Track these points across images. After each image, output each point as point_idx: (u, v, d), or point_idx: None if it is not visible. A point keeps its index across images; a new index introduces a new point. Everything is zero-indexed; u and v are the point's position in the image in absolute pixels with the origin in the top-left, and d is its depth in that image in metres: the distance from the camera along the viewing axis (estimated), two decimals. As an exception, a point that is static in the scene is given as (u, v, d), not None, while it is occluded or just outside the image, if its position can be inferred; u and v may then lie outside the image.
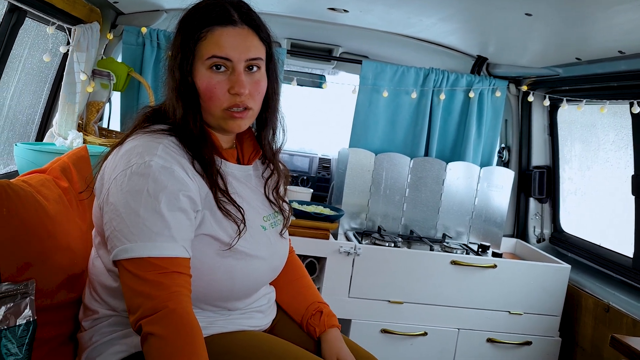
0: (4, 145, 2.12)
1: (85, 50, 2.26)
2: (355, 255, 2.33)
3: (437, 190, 2.74)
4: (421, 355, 2.41)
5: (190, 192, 1.07)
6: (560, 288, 2.43)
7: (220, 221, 1.13)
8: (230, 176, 1.21)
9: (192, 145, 1.13)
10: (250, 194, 1.25)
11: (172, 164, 1.07)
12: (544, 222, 2.96)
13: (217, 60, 1.11)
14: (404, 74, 2.76)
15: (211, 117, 1.16)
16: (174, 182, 1.05)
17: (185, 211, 1.06)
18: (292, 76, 2.84)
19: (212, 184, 1.13)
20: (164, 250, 1.02)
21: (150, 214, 1.02)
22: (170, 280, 1.01)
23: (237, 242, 1.14)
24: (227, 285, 1.17)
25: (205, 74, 1.12)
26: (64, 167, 1.54)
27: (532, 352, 2.45)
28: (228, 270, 1.15)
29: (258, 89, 1.16)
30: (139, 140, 1.11)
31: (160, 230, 1.02)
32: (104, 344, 1.16)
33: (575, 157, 2.80)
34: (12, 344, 1.11)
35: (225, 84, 1.12)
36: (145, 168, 1.04)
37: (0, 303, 1.11)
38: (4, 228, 1.15)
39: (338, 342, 1.34)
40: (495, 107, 2.84)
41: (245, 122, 1.17)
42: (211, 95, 1.12)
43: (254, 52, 1.13)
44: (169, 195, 1.04)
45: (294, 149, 3.45)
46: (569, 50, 2.24)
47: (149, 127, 1.16)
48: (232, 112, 1.14)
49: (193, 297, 1.11)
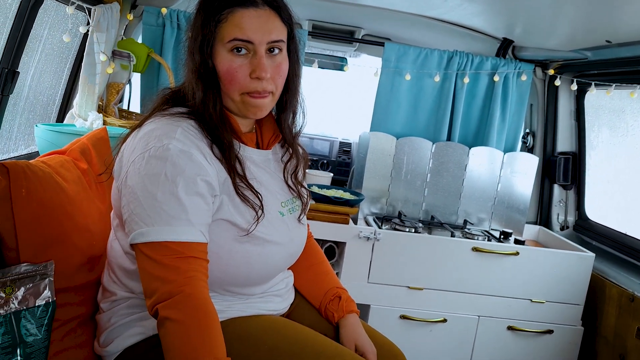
0: (25, 126, 2.13)
1: (105, 30, 2.25)
2: (375, 240, 2.31)
3: (459, 176, 2.70)
4: (440, 342, 2.39)
5: (208, 177, 1.06)
6: (583, 277, 2.38)
7: (238, 206, 1.12)
8: (249, 161, 1.19)
9: (211, 129, 1.12)
10: (269, 179, 1.24)
11: (191, 148, 1.05)
12: (568, 209, 2.90)
13: (238, 43, 1.08)
14: (427, 57, 2.70)
15: (231, 101, 1.14)
16: (192, 166, 1.04)
17: (203, 196, 1.05)
18: (313, 58, 2.80)
19: (231, 169, 1.11)
20: (181, 234, 1.01)
21: (168, 197, 1.01)
22: (187, 264, 1.00)
23: (254, 228, 1.13)
24: (244, 271, 1.16)
25: (226, 57, 1.09)
26: (83, 148, 1.53)
27: (554, 340, 2.41)
28: (245, 256, 1.14)
29: (279, 72, 1.14)
30: (158, 123, 1.10)
31: (177, 214, 1.01)
32: (122, 325, 1.17)
33: (603, 144, 2.73)
34: (31, 324, 1.11)
35: (246, 67, 1.10)
36: (164, 151, 1.03)
37: (19, 284, 1.12)
38: (23, 209, 1.15)
39: (356, 328, 1.33)
40: (521, 91, 2.78)
41: (267, 106, 1.16)
42: (232, 79, 1.10)
43: (275, 34, 1.11)
44: (187, 180, 1.02)
45: (315, 133, 3.43)
46: (599, 33, 2.17)
47: (168, 110, 1.15)
48: (252, 96, 1.12)
49: (210, 282, 1.10)
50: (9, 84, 1.75)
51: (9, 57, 1.75)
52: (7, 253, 1.17)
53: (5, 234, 1.16)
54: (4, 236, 1.16)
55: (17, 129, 2.08)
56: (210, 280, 1.10)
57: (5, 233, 1.15)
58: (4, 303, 1.08)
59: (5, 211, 1.14)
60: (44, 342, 1.13)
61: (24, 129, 2.13)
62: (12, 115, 2.01)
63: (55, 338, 1.19)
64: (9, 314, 1.08)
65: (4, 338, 1.06)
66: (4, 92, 1.75)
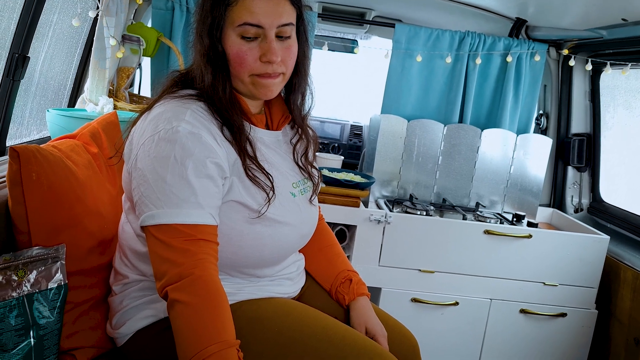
0: (37, 111, 2.13)
1: (115, 15, 2.24)
2: (386, 223, 2.30)
3: (471, 158, 2.68)
4: (452, 325, 2.39)
5: (217, 159, 1.06)
6: (598, 259, 2.36)
7: (248, 188, 1.12)
8: (260, 142, 1.19)
9: (221, 111, 1.11)
10: (280, 160, 1.23)
11: (200, 130, 1.05)
12: (582, 191, 2.87)
13: (248, 27, 1.08)
14: (439, 38, 2.67)
15: (241, 82, 1.14)
16: (201, 148, 1.03)
17: (213, 178, 1.05)
18: (323, 41, 2.78)
19: (241, 151, 1.11)
20: (191, 217, 1.01)
21: (177, 180, 1.01)
22: (197, 247, 1.00)
23: (266, 209, 1.13)
24: (256, 252, 1.16)
25: (235, 41, 1.09)
26: (93, 132, 1.53)
27: (567, 323, 2.40)
28: (257, 237, 1.14)
29: (290, 54, 1.14)
30: (167, 105, 1.10)
31: (187, 197, 1.01)
32: (134, 308, 1.18)
33: (618, 124, 2.69)
34: (44, 307, 1.12)
35: (256, 51, 1.09)
36: (173, 134, 1.03)
37: (31, 267, 1.13)
38: (34, 193, 1.15)
39: (367, 311, 1.33)
40: (534, 71, 2.74)
41: (277, 87, 1.16)
42: (241, 62, 1.10)
43: (285, 18, 1.10)
44: (196, 162, 1.02)
45: (325, 116, 3.41)
46: (614, 11, 2.13)
47: (177, 92, 1.15)
48: (262, 77, 1.12)
49: (221, 263, 1.10)
50: (20, 69, 1.75)
51: (19, 42, 1.75)
52: (19, 237, 1.18)
53: (17, 218, 1.17)
54: (16, 220, 1.17)
55: (29, 114, 2.09)
56: (222, 262, 1.10)
57: (17, 217, 1.16)
58: (16, 286, 1.09)
59: (16, 195, 1.15)
60: (56, 324, 1.14)
61: (36, 114, 2.14)
62: (24, 100, 2.02)
63: (68, 320, 1.20)
64: (22, 296, 1.09)
65: (17, 320, 1.08)
66: (15, 78, 1.76)
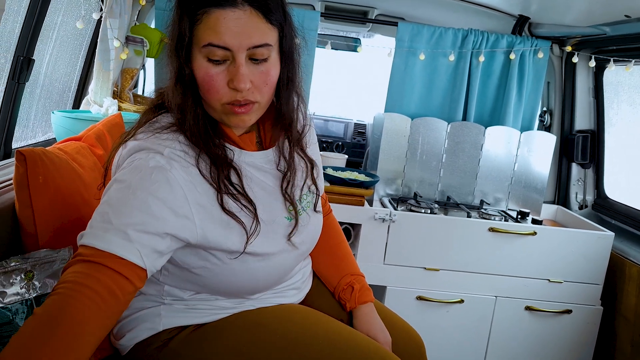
0: (42, 114, 2.14)
1: (118, 16, 2.25)
2: (390, 221, 2.31)
3: (475, 156, 2.68)
4: (457, 323, 2.39)
5: (176, 207, 0.95)
6: (602, 256, 2.36)
7: (228, 227, 1.03)
8: (250, 166, 1.09)
9: (194, 143, 1.01)
10: (275, 181, 1.13)
11: (173, 169, 0.96)
12: (586, 188, 2.86)
13: (214, 49, 0.95)
14: (442, 36, 2.67)
15: (213, 110, 1.02)
16: (163, 188, 0.94)
17: (159, 219, 0.93)
18: (326, 40, 2.79)
19: (219, 185, 1.01)
20: (111, 244, 0.87)
21: (120, 206, 0.91)
22: (95, 271, 0.85)
23: (250, 247, 1.04)
24: (252, 283, 1.11)
25: (202, 63, 0.97)
26: (98, 134, 1.54)
27: (572, 320, 2.40)
28: (248, 272, 1.08)
29: (265, 80, 0.99)
30: (145, 139, 1.00)
31: (120, 225, 0.89)
32: (134, 319, 1.15)
33: (622, 121, 2.69)
34: (52, 309, 1.13)
35: (224, 75, 0.97)
36: (143, 163, 0.95)
37: (39, 269, 1.13)
38: (40, 195, 1.16)
39: (369, 319, 1.30)
40: (537, 68, 2.74)
41: (250, 116, 1.02)
42: (209, 88, 0.97)
43: (258, 38, 0.95)
44: (149, 197, 0.92)
45: (329, 115, 3.41)
46: (618, 7, 2.12)
47: (157, 121, 1.05)
48: (233, 106, 0.99)
49: (220, 291, 1.09)
50: (25, 72, 1.76)
51: (24, 45, 1.76)
52: (27, 239, 1.19)
53: (24, 220, 1.18)
54: (23, 222, 1.18)
55: (34, 116, 2.10)
56: (220, 290, 1.09)
57: (25, 219, 1.17)
58: (24, 288, 1.10)
59: (23, 198, 1.16)
60: (64, 326, 1.15)
61: (41, 116, 2.15)
62: (29, 102, 2.03)
63: (76, 322, 1.21)
64: (30, 299, 1.10)
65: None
66: (20, 80, 1.76)
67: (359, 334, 1.19)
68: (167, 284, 1.12)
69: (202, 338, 1.11)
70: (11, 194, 1.24)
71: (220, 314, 1.14)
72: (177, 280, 1.11)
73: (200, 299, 1.13)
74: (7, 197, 1.25)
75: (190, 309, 1.13)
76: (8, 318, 1.07)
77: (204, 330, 1.12)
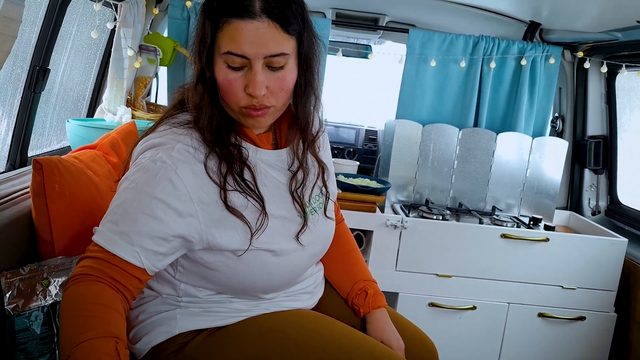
0: (57, 122, 2.18)
1: (132, 25, 2.28)
2: (402, 228, 2.31)
3: (486, 162, 2.67)
4: (470, 329, 2.38)
5: (180, 206, 1.00)
6: (616, 262, 2.34)
7: (232, 228, 1.06)
8: (264, 164, 1.13)
9: (207, 139, 1.06)
10: (286, 180, 1.17)
11: (179, 168, 1.01)
12: (599, 194, 2.85)
13: (232, 57, 1.00)
14: (453, 42, 2.67)
15: (231, 111, 1.08)
16: (167, 189, 0.99)
17: (162, 221, 0.99)
18: (337, 47, 2.80)
19: (222, 184, 1.05)
20: (115, 248, 0.97)
21: (127, 207, 0.98)
22: (107, 268, 0.97)
23: (256, 242, 1.08)
24: (265, 280, 1.13)
25: (222, 68, 1.02)
26: (113, 142, 1.56)
27: (586, 327, 2.39)
28: (263, 267, 1.11)
29: (281, 86, 1.04)
30: (162, 134, 1.07)
31: (124, 229, 0.97)
32: (150, 323, 1.16)
33: (635, 126, 2.67)
34: (68, 315, 1.14)
35: (242, 80, 1.02)
36: (151, 163, 1.01)
37: (55, 276, 1.15)
38: (57, 204, 1.18)
39: (383, 324, 1.31)
40: (549, 74, 2.73)
41: (266, 119, 1.08)
42: (227, 91, 1.03)
43: (274, 48, 1.00)
44: (152, 200, 0.98)
45: (340, 121, 3.43)
46: (629, 13, 2.11)
47: (177, 117, 1.12)
48: (249, 110, 1.04)
49: (233, 290, 1.11)
50: (41, 81, 1.79)
51: (40, 55, 1.79)
52: (43, 247, 1.21)
53: (40, 228, 1.19)
54: (40, 230, 1.20)
55: (50, 125, 2.14)
56: (233, 289, 1.11)
57: (41, 227, 1.19)
58: (41, 295, 1.12)
59: (40, 206, 1.18)
60: (80, 332, 1.16)
61: (56, 125, 2.18)
62: (45, 111, 2.06)
63: (91, 328, 1.22)
64: (47, 305, 1.12)
65: (42, 329, 1.10)
66: (36, 90, 1.79)
67: (372, 340, 1.20)
68: (182, 281, 1.14)
69: (216, 343, 1.13)
70: (28, 202, 1.26)
71: (236, 317, 1.15)
72: (192, 278, 1.13)
73: (215, 300, 1.15)
74: (24, 205, 1.27)
75: (205, 311, 1.14)
76: (25, 325, 1.08)
77: (219, 336, 1.14)
